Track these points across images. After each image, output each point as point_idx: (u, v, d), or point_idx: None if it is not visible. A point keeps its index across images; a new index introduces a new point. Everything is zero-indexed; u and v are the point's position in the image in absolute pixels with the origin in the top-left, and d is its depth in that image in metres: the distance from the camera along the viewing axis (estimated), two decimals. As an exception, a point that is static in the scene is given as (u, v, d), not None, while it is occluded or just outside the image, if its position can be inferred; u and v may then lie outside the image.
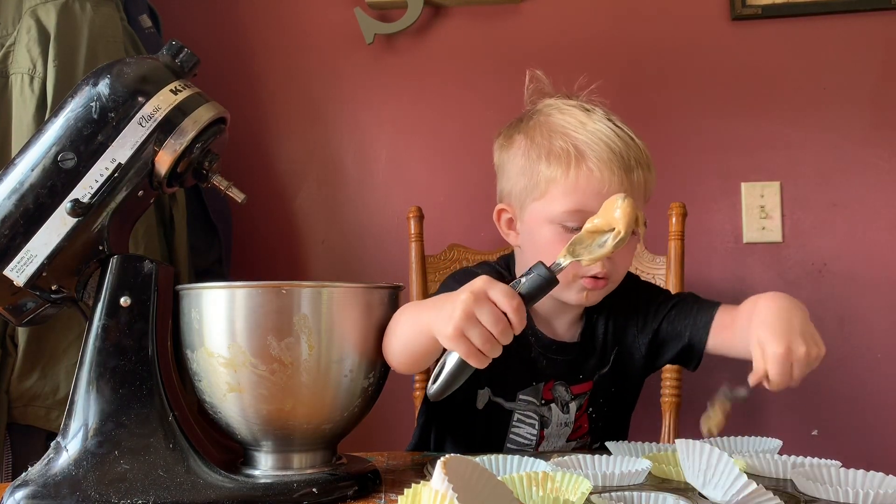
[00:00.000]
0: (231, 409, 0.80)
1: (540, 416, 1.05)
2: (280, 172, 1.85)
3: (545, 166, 0.98)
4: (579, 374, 1.07)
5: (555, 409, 1.05)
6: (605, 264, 0.96)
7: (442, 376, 0.76)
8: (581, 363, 1.07)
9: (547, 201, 0.98)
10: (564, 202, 0.96)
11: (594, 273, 0.96)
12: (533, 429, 1.05)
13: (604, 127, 0.98)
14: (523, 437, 1.06)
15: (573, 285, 0.98)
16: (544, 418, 1.05)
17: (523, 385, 1.05)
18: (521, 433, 1.05)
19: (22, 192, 0.79)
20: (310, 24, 1.85)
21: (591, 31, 1.79)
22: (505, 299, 0.72)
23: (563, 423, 1.06)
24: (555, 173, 0.97)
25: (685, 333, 1.04)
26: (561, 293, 0.99)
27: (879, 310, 1.69)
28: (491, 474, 0.66)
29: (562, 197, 0.97)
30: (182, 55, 0.85)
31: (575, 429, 1.08)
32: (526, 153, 1.02)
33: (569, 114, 1.01)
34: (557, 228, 0.97)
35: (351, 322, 0.81)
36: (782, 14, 1.72)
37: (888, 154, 1.70)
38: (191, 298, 0.81)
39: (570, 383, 1.06)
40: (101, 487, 0.76)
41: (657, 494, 0.70)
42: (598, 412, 1.10)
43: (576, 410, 1.06)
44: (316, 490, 0.78)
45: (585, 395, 1.07)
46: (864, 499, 0.70)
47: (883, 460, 1.64)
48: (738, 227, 1.73)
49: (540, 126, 1.02)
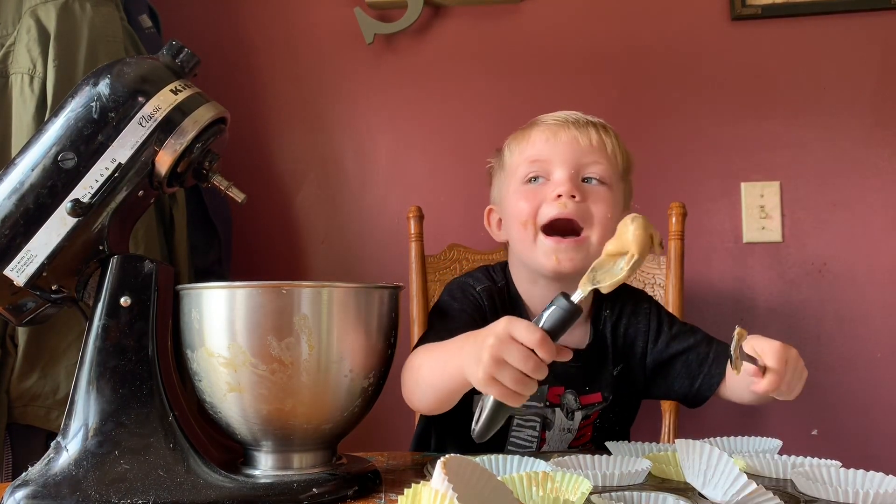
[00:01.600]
0: (231, 409, 0.80)
1: (542, 417, 1.04)
2: (280, 172, 1.85)
3: (507, 150, 1.07)
4: (586, 385, 1.05)
5: (559, 414, 1.04)
6: (568, 205, 0.96)
7: (482, 419, 0.76)
8: (588, 372, 1.06)
9: (512, 172, 1.04)
10: (522, 159, 1.02)
11: (556, 216, 0.97)
12: (534, 431, 1.04)
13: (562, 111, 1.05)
14: (524, 440, 1.05)
15: (539, 244, 0.99)
16: (547, 420, 1.04)
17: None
18: (522, 436, 1.05)
19: (22, 192, 0.79)
20: (310, 23, 1.85)
21: (591, 30, 1.79)
22: (529, 336, 0.71)
23: (565, 429, 1.05)
24: (514, 147, 1.05)
25: (696, 383, 1.04)
26: (532, 255, 0.99)
27: (879, 309, 1.69)
28: (491, 474, 0.66)
29: (520, 157, 1.02)
30: (182, 55, 0.85)
31: (578, 436, 1.07)
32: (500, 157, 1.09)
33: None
34: (521, 188, 1.01)
35: (351, 322, 0.81)
36: (782, 14, 1.72)
37: (888, 154, 1.70)
38: (191, 298, 0.81)
39: (579, 393, 1.05)
40: (101, 487, 0.76)
41: (657, 494, 0.70)
42: (605, 424, 1.09)
43: (581, 419, 1.05)
44: (316, 490, 0.78)
45: (594, 408, 1.06)
46: (864, 499, 0.70)
47: (883, 460, 1.64)
48: (738, 226, 1.73)
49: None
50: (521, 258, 1.04)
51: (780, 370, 0.82)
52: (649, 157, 1.76)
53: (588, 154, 1.00)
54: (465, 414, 1.06)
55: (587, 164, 1.00)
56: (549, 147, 1.00)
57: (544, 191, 0.99)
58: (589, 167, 1.00)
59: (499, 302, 1.03)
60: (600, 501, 0.69)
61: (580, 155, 1.00)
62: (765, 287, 1.72)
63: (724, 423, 1.69)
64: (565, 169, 0.98)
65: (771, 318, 1.71)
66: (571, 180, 0.98)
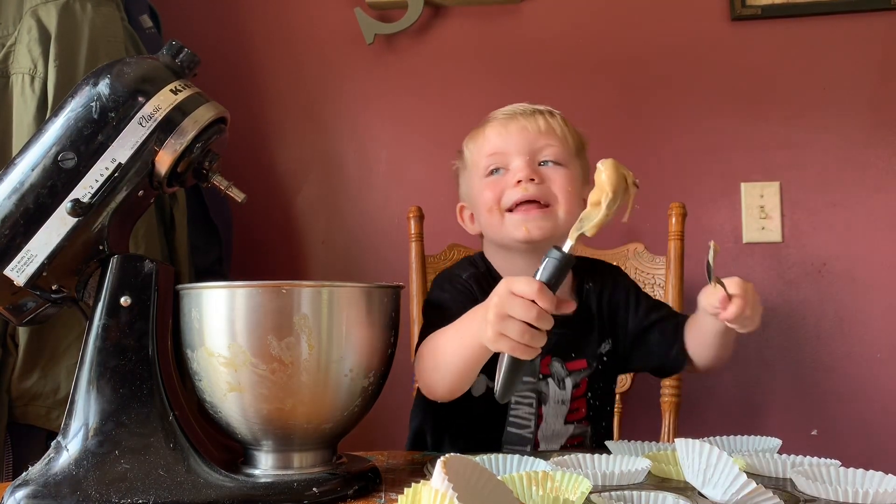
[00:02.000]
0: (231, 409, 0.80)
1: (538, 392, 1.07)
2: (280, 172, 1.85)
3: (468, 152, 1.13)
4: (572, 352, 1.09)
5: (552, 385, 1.07)
6: (529, 188, 1.02)
7: (500, 378, 0.81)
8: (573, 338, 1.09)
9: (475, 168, 1.10)
10: (480, 154, 1.09)
11: (518, 199, 1.03)
12: (531, 408, 1.06)
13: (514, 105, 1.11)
14: (522, 417, 1.07)
15: (508, 220, 1.04)
16: (542, 394, 1.07)
17: None
18: (520, 414, 1.07)
19: (22, 191, 0.79)
20: (310, 24, 1.85)
21: (591, 31, 1.79)
22: (528, 287, 0.77)
23: (560, 401, 1.07)
24: (472, 144, 1.12)
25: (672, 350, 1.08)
26: (503, 231, 1.05)
27: (879, 309, 1.69)
28: (491, 474, 0.66)
29: (479, 153, 1.09)
30: (182, 55, 0.85)
31: (572, 409, 1.08)
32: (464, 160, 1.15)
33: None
34: (485, 180, 1.07)
35: (351, 322, 0.81)
36: (782, 14, 1.72)
37: (888, 154, 1.70)
38: (191, 298, 0.81)
39: (565, 360, 1.08)
40: (101, 487, 0.76)
41: (657, 494, 0.70)
42: (597, 400, 1.11)
43: (572, 388, 1.08)
44: (316, 489, 0.78)
45: (582, 375, 1.09)
46: (864, 498, 0.70)
47: (882, 460, 1.64)
48: (738, 227, 1.73)
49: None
50: (494, 239, 1.10)
51: (742, 294, 0.89)
52: (649, 157, 1.76)
53: (539, 139, 1.06)
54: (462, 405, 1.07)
55: (540, 149, 1.06)
56: (502, 139, 1.07)
57: (506, 179, 1.05)
58: (542, 151, 1.06)
59: (485, 285, 1.07)
60: (600, 501, 0.69)
61: (532, 141, 1.06)
62: (765, 287, 1.72)
63: (724, 423, 1.69)
64: (521, 156, 1.05)
65: (771, 318, 1.71)
66: (529, 165, 1.04)
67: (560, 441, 1.08)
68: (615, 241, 1.62)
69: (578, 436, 1.10)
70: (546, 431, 1.07)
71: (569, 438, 1.09)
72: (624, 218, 0.80)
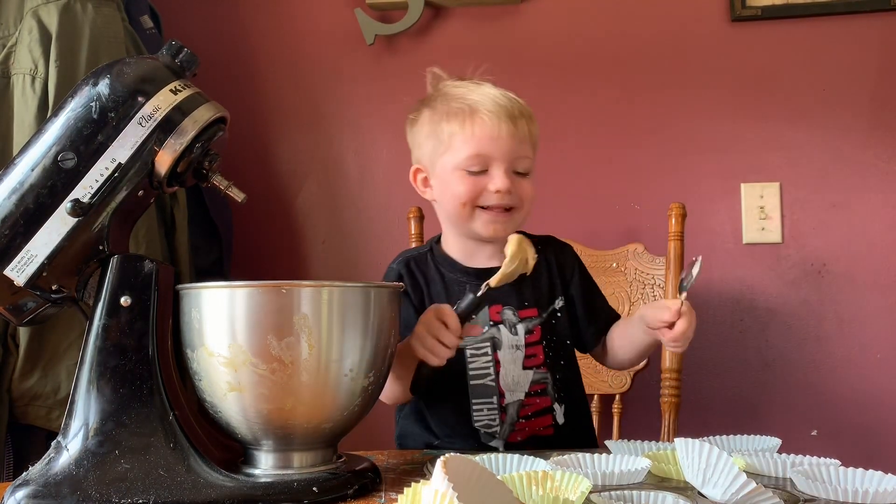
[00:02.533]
0: (231, 409, 0.80)
1: (492, 338, 1.15)
2: (281, 172, 1.85)
3: (446, 124, 1.15)
4: (524, 301, 1.17)
5: (503, 330, 1.15)
6: (505, 198, 1.12)
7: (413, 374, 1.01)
8: (521, 290, 1.16)
9: (452, 153, 1.14)
10: (465, 149, 1.12)
11: (492, 204, 1.12)
12: (487, 356, 1.14)
13: (491, 89, 1.17)
14: (481, 367, 1.14)
15: (477, 218, 1.14)
16: (495, 339, 1.15)
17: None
18: (478, 364, 1.14)
19: (22, 192, 0.79)
20: (310, 24, 1.86)
21: (592, 31, 1.79)
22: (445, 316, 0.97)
23: (513, 346, 1.14)
24: (454, 128, 1.14)
25: (590, 329, 1.21)
26: (469, 225, 1.15)
27: (879, 310, 1.69)
28: (491, 474, 0.67)
29: (462, 145, 1.13)
30: (182, 55, 0.85)
31: (528, 355, 1.14)
32: (430, 120, 1.19)
33: (462, 86, 1.20)
34: (463, 174, 1.13)
35: (351, 322, 0.81)
36: (782, 15, 1.72)
37: (887, 155, 1.70)
38: (191, 298, 0.81)
39: (518, 308, 1.16)
40: (101, 487, 0.76)
41: (657, 494, 0.70)
42: (552, 350, 1.16)
43: (525, 334, 1.15)
44: (316, 489, 0.79)
45: (534, 322, 1.16)
46: (864, 498, 0.70)
47: (882, 461, 1.64)
48: (738, 227, 1.73)
49: (439, 98, 1.20)
50: (456, 227, 1.19)
51: (690, 318, 1.02)
52: (649, 157, 1.76)
53: (519, 149, 1.13)
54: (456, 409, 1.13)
55: (518, 159, 1.14)
56: (492, 145, 1.12)
57: (484, 181, 1.12)
58: (519, 161, 1.14)
59: (414, 265, 1.21)
60: (600, 501, 0.69)
61: (514, 150, 1.13)
62: (765, 288, 1.72)
63: (724, 423, 1.69)
64: (502, 164, 1.12)
65: (771, 319, 1.71)
66: (507, 175, 1.12)
67: (523, 389, 1.13)
68: (615, 241, 1.62)
69: (540, 382, 1.14)
70: (506, 378, 1.13)
71: (531, 385, 1.13)
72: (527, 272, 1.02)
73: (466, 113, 1.14)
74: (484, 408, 1.13)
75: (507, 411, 1.13)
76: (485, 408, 1.13)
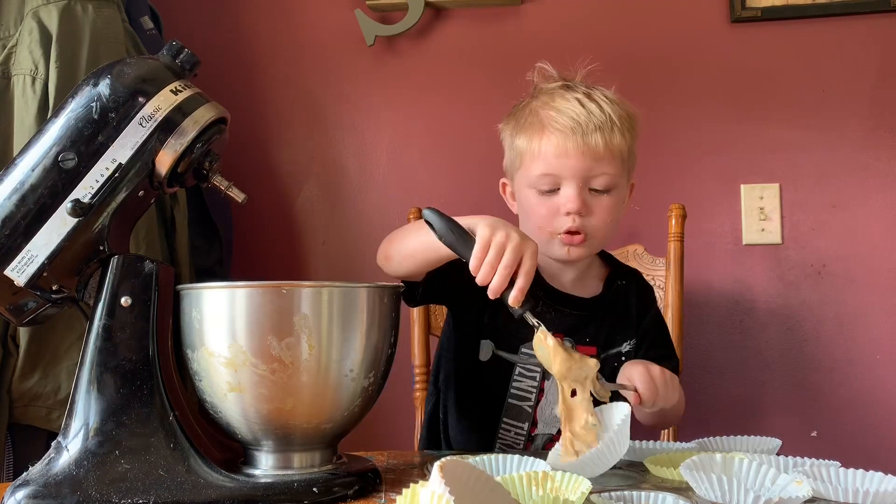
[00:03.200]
0: (231, 409, 0.80)
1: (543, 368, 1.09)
2: (281, 173, 1.86)
3: (518, 140, 1.12)
4: (586, 338, 1.12)
5: None
6: (576, 220, 1.07)
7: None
8: (588, 323, 1.13)
9: (524, 170, 1.11)
10: (535, 168, 1.09)
11: (567, 229, 1.07)
12: (534, 381, 1.10)
13: (570, 100, 1.09)
14: (524, 390, 1.11)
15: (553, 241, 1.09)
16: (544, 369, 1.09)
17: (527, 338, 1.08)
18: (522, 386, 1.11)
19: (23, 192, 0.79)
20: (310, 25, 1.86)
21: (592, 33, 1.79)
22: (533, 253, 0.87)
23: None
24: (524, 145, 1.11)
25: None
26: (547, 248, 1.10)
27: (879, 311, 1.69)
28: (489, 476, 0.66)
29: (532, 164, 1.09)
30: (182, 55, 0.85)
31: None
32: (511, 132, 1.15)
33: (548, 93, 1.13)
34: (534, 192, 1.10)
35: (351, 322, 0.81)
36: (781, 16, 1.72)
37: (887, 156, 1.70)
38: (191, 298, 0.81)
39: (578, 342, 1.11)
40: (101, 487, 0.76)
41: (657, 494, 0.70)
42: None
43: None
44: (316, 489, 0.79)
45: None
46: (864, 498, 0.70)
47: (882, 462, 1.64)
48: (738, 228, 1.73)
49: (525, 107, 1.15)
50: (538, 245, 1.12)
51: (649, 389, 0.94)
52: (649, 159, 1.76)
53: (595, 165, 1.07)
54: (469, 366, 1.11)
55: (594, 177, 1.07)
56: (559, 163, 1.06)
57: (556, 202, 1.08)
58: (595, 179, 1.07)
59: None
60: (600, 501, 0.69)
61: (587, 168, 1.07)
62: (764, 289, 1.72)
63: (724, 424, 1.69)
64: (574, 182, 1.07)
65: (770, 320, 1.71)
66: (579, 196, 1.06)
67: (557, 425, 1.09)
68: (615, 242, 1.62)
69: None
70: (545, 410, 1.10)
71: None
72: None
73: (536, 128, 1.09)
74: (512, 430, 1.10)
75: (535, 442, 1.10)
76: (513, 430, 1.10)
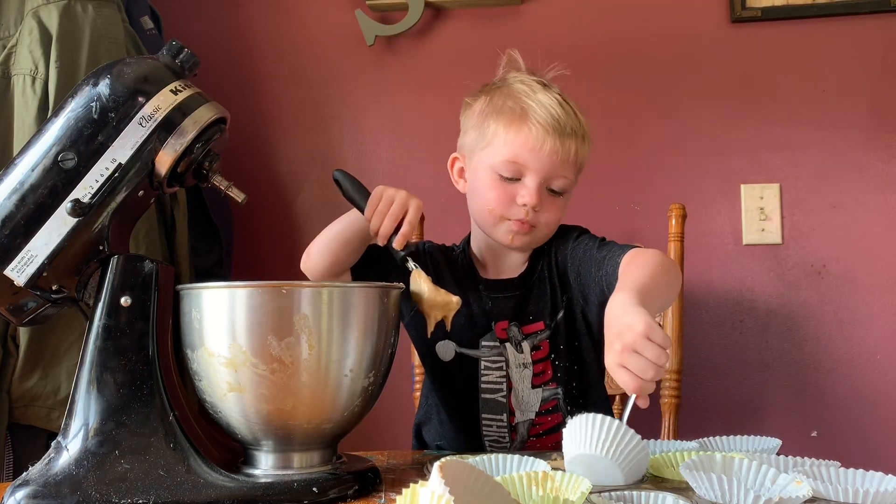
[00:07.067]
0: (231, 409, 0.80)
1: (504, 357, 1.12)
2: (281, 173, 1.86)
3: (493, 121, 1.11)
4: (529, 315, 1.13)
5: (510, 348, 1.12)
6: (530, 213, 1.08)
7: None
8: (525, 301, 1.13)
9: (490, 151, 1.11)
10: (503, 151, 1.08)
11: (520, 219, 1.08)
12: (500, 371, 1.11)
13: (551, 98, 1.10)
14: (493, 382, 1.12)
15: (501, 226, 1.10)
16: (506, 359, 1.12)
17: (484, 331, 1.12)
18: (490, 378, 1.12)
19: (22, 192, 0.79)
20: (311, 25, 1.86)
21: (592, 32, 1.79)
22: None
23: (521, 365, 1.11)
24: (499, 127, 1.10)
25: (602, 284, 1.05)
26: (492, 231, 1.11)
27: (879, 311, 1.69)
28: (488, 476, 0.66)
29: (502, 147, 1.09)
30: (182, 55, 0.85)
31: (537, 373, 1.11)
32: (482, 110, 1.14)
33: (527, 84, 1.14)
34: (494, 175, 1.09)
35: (351, 322, 0.81)
36: (782, 16, 1.72)
37: (887, 156, 1.70)
38: (191, 298, 0.81)
39: (522, 323, 1.12)
40: (101, 487, 0.76)
41: (657, 494, 0.70)
42: (562, 361, 1.12)
43: (531, 351, 1.12)
44: (316, 489, 0.79)
45: (540, 337, 1.12)
46: (864, 498, 0.70)
47: (882, 462, 1.64)
48: (738, 228, 1.73)
49: (500, 90, 1.15)
50: (480, 227, 1.16)
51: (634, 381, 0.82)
52: (649, 158, 1.76)
53: (560, 168, 1.08)
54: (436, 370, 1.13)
55: (555, 177, 1.09)
56: (531, 156, 1.07)
57: (514, 190, 1.08)
58: (555, 180, 1.09)
59: (442, 257, 1.19)
60: (600, 501, 0.69)
61: (554, 168, 1.08)
62: (764, 289, 1.72)
63: (724, 424, 1.69)
64: (536, 178, 1.08)
65: (771, 320, 1.71)
66: (538, 191, 1.08)
67: (533, 409, 1.11)
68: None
69: (551, 399, 1.11)
70: (517, 397, 1.11)
71: (542, 404, 1.11)
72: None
73: (516, 115, 1.09)
74: (493, 424, 1.11)
75: (518, 430, 1.11)
76: (494, 424, 1.11)
